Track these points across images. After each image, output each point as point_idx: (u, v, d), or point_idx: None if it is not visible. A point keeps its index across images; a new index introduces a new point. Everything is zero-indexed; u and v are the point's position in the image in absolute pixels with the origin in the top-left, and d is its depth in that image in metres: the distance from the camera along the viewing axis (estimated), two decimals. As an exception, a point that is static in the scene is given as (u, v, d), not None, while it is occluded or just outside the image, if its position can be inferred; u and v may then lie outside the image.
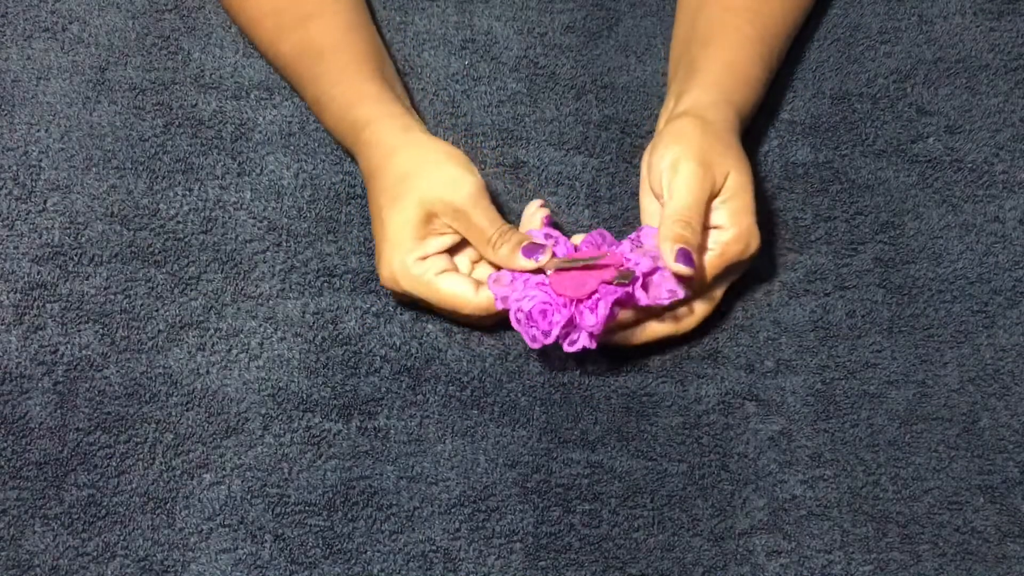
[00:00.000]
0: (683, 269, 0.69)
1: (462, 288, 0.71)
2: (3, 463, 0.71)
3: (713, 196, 0.72)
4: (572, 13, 0.90)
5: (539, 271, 0.71)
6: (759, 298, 0.78)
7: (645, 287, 0.71)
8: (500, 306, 0.71)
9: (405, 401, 0.74)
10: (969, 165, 0.83)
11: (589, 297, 0.69)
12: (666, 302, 0.70)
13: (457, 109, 0.85)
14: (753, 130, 0.84)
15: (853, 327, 0.77)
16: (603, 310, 0.68)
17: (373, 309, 0.77)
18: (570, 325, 0.69)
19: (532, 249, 0.71)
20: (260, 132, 0.83)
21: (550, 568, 0.69)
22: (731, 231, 0.72)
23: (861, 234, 0.80)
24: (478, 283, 0.72)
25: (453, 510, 0.71)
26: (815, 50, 0.88)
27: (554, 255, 0.71)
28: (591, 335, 0.69)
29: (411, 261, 0.72)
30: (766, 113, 0.85)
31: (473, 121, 0.85)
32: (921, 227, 0.81)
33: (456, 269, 0.73)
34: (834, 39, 0.89)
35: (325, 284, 0.78)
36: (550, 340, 0.69)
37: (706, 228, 0.72)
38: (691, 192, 0.71)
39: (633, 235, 0.73)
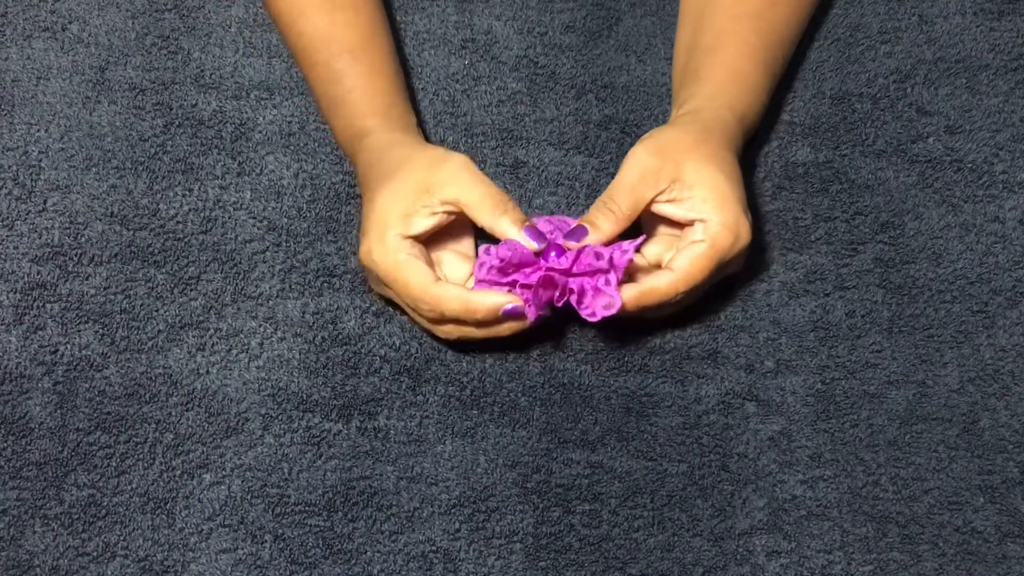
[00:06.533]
0: (569, 243, 0.70)
1: (422, 275, 0.70)
2: (3, 463, 0.71)
3: (658, 185, 0.71)
4: (572, 13, 0.90)
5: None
6: (759, 298, 0.78)
7: (582, 297, 0.70)
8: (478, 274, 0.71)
9: (405, 401, 0.74)
10: (969, 165, 0.83)
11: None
12: (597, 317, 0.69)
13: (457, 109, 0.85)
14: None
15: (853, 327, 0.77)
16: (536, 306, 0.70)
17: (373, 309, 0.77)
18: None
19: (535, 232, 0.71)
20: (260, 132, 0.83)
21: (550, 568, 0.69)
22: (717, 221, 0.71)
23: (861, 234, 0.80)
24: (437, 277, 0.71)
25: (453, 510, 0.71)
26: (815, 50, 0.88)
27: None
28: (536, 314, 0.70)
29: (390, 235, 0.71)
30: (766, 113, 0.85)
31: (473, 121, 0.85)
32: (921, 227, 0.81)
33: (429, 263, 0.72)
34: (834, 39, 0.89)
35: (325, 284, 0.78)
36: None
37: (688, 224, 0.72)
38: (622, 179, 0.72)
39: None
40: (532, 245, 0.70)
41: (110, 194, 0.80)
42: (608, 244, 0.71)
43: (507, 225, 0.71)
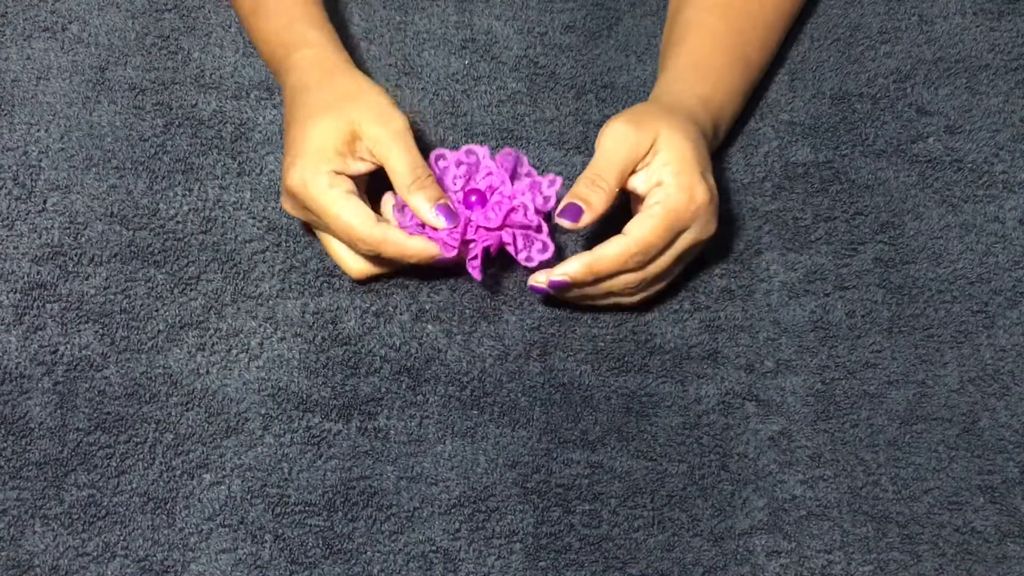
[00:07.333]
0: (564, 222, 0.71)
1: (364, 216, 0.72)
2: (3, 463, 0.71)
3: (639, 155, 0.73)
4: (572, 13, 0.90)
5: None
6: (759, 298, 0.78)
7: (525, 242, 0.74)
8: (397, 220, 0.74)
9: (405, 401, 0.74)
10: (969, 165, 0.83)
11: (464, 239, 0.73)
12: (535, 262, 0.73)
13: (457, 109, 0.85)
14: (753, 130, 0.84)
15: (853, 327, 0.77)
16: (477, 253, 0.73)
17: (373, 309, 0.77)
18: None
19: (446, 210, 0.72)
20: (260, 132, 0.83)
21: (550, 568, 0.69)
22: (672, 183, 0.72)
23: (861, 234, 0.80)
24: (378, 218, 0.73)
25: (453, 510, 0.71)
26: (815, 50, 0.88)
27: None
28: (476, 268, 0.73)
29: (327, 171, 0.72)
30: (766, 113, 0.85)
31: (473, 121, 0.85)
32: (921, 227, 0.81)
33: (363, 200, 0.74)
34: (834, 39, 0.89)
35: (325, 284, 0.78)
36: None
37: (641, 196, 0.73)
38: (606, 153, 0.73)
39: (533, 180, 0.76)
40: (441, 223, 0.72)
41: (110, 194, 0.80)
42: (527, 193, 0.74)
43: (420, 201, 0.72)
